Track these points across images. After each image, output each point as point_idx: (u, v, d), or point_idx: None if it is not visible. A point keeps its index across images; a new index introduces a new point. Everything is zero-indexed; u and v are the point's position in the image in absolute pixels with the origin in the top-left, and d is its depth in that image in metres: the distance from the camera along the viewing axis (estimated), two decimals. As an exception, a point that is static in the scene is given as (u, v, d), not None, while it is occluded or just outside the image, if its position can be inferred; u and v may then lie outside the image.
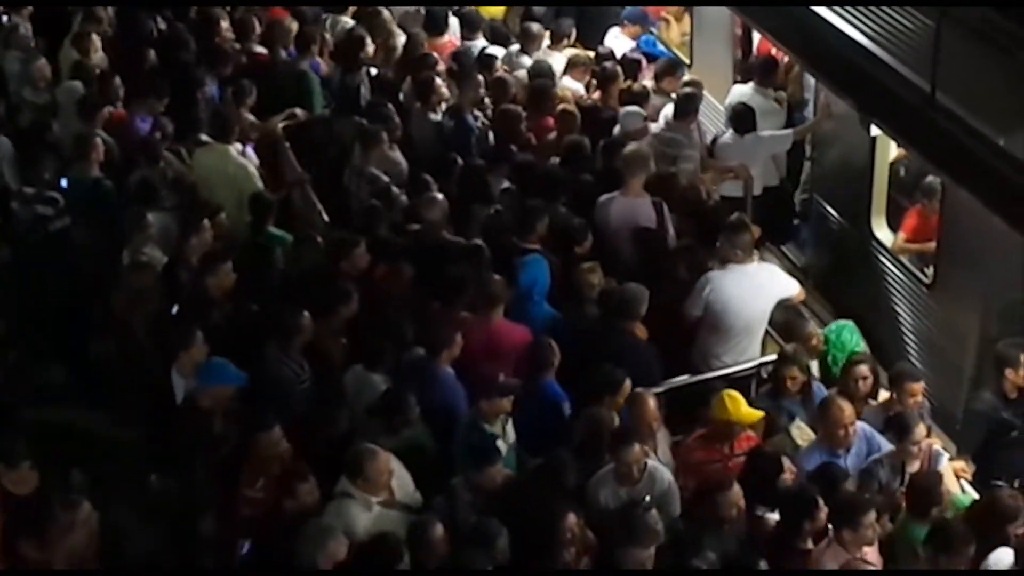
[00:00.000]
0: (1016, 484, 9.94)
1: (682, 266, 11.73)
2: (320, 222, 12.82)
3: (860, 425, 10.00)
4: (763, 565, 8.78)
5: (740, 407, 9.92)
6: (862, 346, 11.45)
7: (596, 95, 14.62)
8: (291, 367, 10.41)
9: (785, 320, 11.59)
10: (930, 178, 12.38)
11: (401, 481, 9.46)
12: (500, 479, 9.42)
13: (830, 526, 9.01)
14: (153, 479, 9.97)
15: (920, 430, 9.89)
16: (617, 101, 14.18)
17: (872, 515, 8.84)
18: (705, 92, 14.26)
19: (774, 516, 9.35)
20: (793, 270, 13.08)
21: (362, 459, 9.24)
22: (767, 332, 11.65)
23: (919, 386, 10.40)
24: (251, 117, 13.80)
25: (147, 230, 11.78)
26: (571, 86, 14.67)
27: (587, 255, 11.69)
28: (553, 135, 13.73)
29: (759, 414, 10.10)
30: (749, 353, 11.45)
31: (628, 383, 10.11)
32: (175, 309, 11.03)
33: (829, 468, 9.56)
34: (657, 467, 9.63)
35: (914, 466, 9.87)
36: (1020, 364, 10.22)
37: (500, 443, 9.82)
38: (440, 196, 12.16)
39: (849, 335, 11.44)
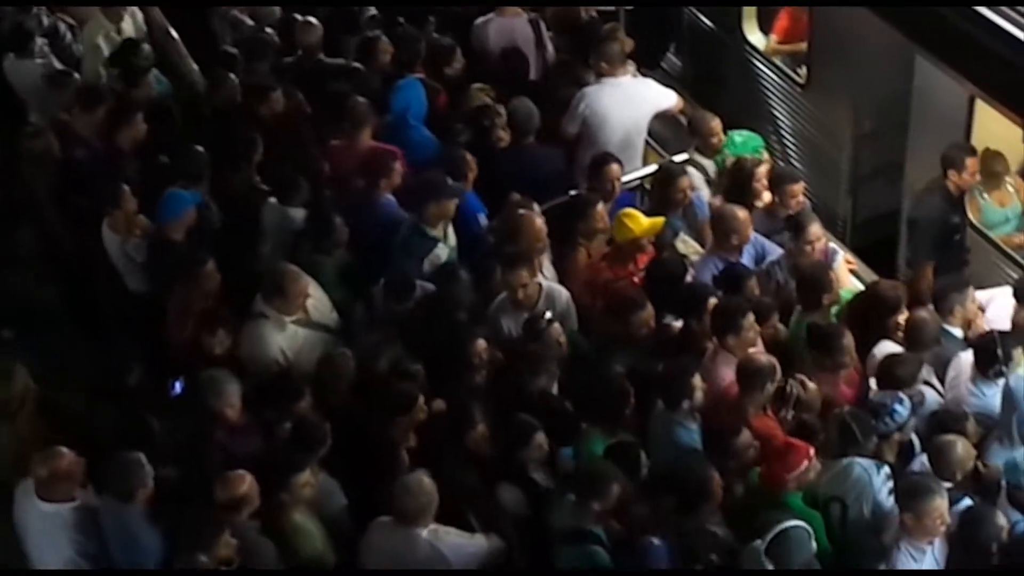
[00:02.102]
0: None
1: (561, 84, 11.68)
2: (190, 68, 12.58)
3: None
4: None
5: (640, 222, 9.94)
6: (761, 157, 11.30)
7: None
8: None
9: (665, 127, 11.62)
10: (798, -23, 12.40)
11: (319, 303, 9.53)
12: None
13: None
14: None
15: (815, 228, 9.96)
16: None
17: (751, 317, 8.95)
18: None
19: (678, 324, 9.46)
20: (669, 80, 13.09)
21: (283, 278, 9.31)
22: (648, 145, 11.69)
23: (799, 187, 10.47)
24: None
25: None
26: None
27: (462, 77, 11.61)
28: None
29: (660, 221, 10.08)
30: (630, 167, 11.37)
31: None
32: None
33: (733, 269, 9.66)
34: (552, 287, 9.69)
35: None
36: (965, 167, 10.07)
37: (441, 246, 9.92)
38: (314, 20, 12.02)
39: (743, 143, 11.23)
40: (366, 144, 10.81)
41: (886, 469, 8.15)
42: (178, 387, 9.32)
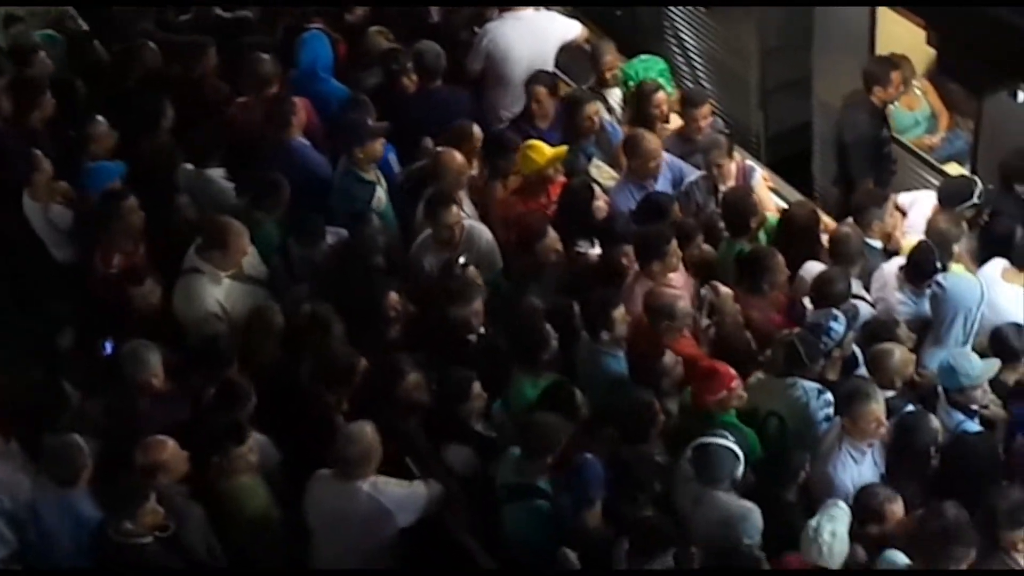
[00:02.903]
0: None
1: (461, 23, 11.59)
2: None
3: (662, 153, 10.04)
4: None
5: (544, 152, 9.89)
6: (670, 83, 11.26)
7: None
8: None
9: (572, 59, 11.57)
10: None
11: (252, 257, 9.44)
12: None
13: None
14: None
15: (705, 109, 10.13)
16: None
17: (674, 243, 8.94)
18: None
19: (595, 251, 9.47)
20: (570, 10, 13.02)
21: (226, 233, 9.19)
22: (557, 77, 11.61)
23: (706, 109, 10.44)
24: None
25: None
26: None
27: (363, 23, 11.52)
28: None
29: (563, 149, 10.02)
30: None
31: None
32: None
33: (652, 197, 9.63)
34: (474, 225, 9.63)
35: (729, 184, 9.93)
36: (889, 81, 10.03)
37: (379, 189, 9.85)
38: None
39: (645, 68, 11.22)
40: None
41: (827, 395, 8.19)
42: (108, 348, 9.14)
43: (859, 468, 7.88)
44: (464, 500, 8.15)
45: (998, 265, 9.07)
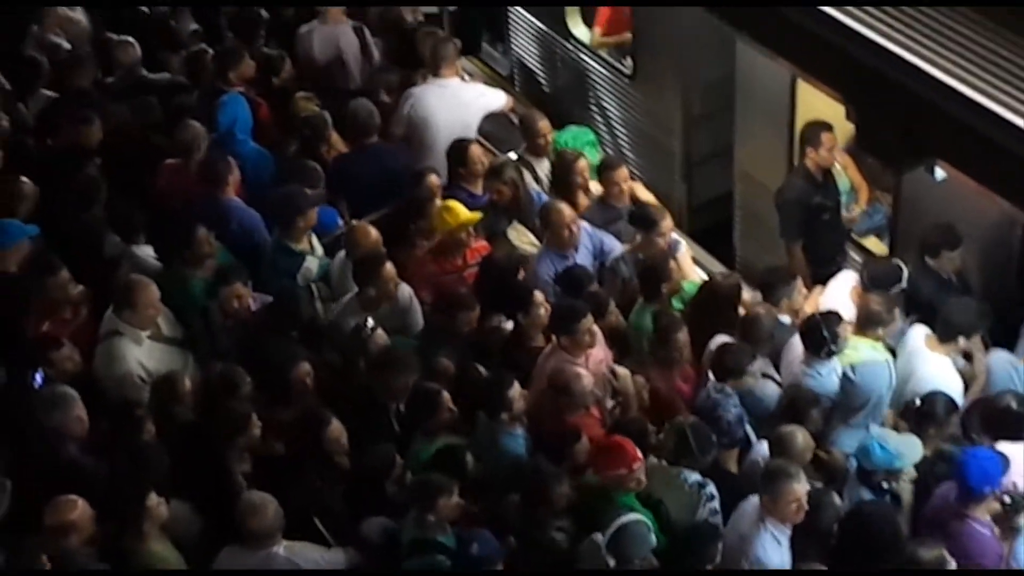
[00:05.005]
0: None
1: (382, 89, 11.63)
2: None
3: (580, 224, 10.09)
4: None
5: (459, 213, 9.92)
6: (596, 153, 11.43)
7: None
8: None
9: (497, 126, 11.62)
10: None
11: (166, 315, 9.39)
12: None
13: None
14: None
15: (667, 222, 10.04)
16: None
17: (588, 320, 8.95)
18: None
19: (508, 326, 9.49)
20: (497, 80, 13.10)
21: (132, 289, 9.16)
22: (481, 144, 11.62)
23: (623, 171, 10.54)
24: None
25: None
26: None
27: (291, 86, 11.55)
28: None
29: (477, 215, 10.06)
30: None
31: None
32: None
33: (572, 271, 9.68)
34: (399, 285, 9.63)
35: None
36: (820, 143, 10.06)
37: (310, 259, 9.88)
38: (130, 38, 11.90)
39: (574, 138, 11.41)
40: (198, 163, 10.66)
41: (710, 489, 8.19)
42: (39, 379, 9.00)
43: (781, 551, 7.88)
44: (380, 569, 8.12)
45: (920, 333, 9.17)
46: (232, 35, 12.28)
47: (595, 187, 10.77)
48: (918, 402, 8.59)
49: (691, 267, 10.35)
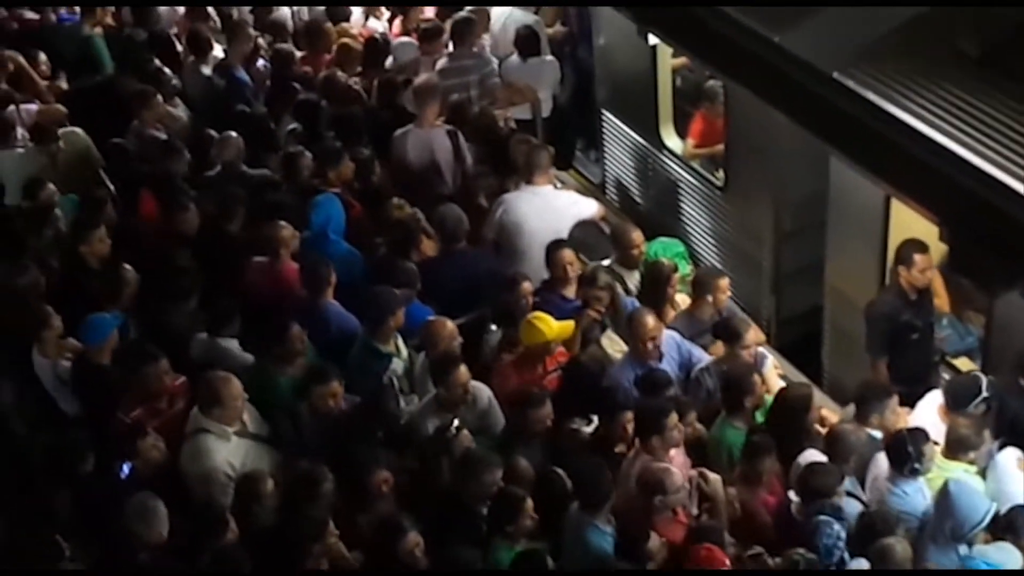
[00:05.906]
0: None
1: (480, 193, 11.72)
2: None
3: (669, 334, 10.06)
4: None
5: (551, 325, 9.90)
6: (686, 265, 11.43)
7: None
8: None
9: (587, 235, 11.64)
10: (711, 82, 12.56)
11: (251, 412, 9.42)
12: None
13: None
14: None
15: (752, 335, 10.01)
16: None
17: (674, 417, 8.92)
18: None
19: (588, 429, 9.45)
20: (590, 188, 13.17)
21: (217, 386, 9.16)
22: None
23: (725, 281, 10.51)
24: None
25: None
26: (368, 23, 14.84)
27: (386, 190, 11.66)
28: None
29: (570, 325, 10.04)
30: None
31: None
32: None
33: (652, 374, 9.62)
34: (477, 386, 9.64)
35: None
36: (913, 263, 9.96)
37: (396, 361, 9.88)
38: (233, 134, 12.09)
39: (664, 249, 11.37)
40: (287, 263, 10.79)
41: None
42: (126, 469, 9.05)
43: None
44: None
45: (1012, 455, 9.04)
46: (333, 135, 12.43)
47: (682, 299, 10.75)
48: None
49: (777, 382, 10.24)
